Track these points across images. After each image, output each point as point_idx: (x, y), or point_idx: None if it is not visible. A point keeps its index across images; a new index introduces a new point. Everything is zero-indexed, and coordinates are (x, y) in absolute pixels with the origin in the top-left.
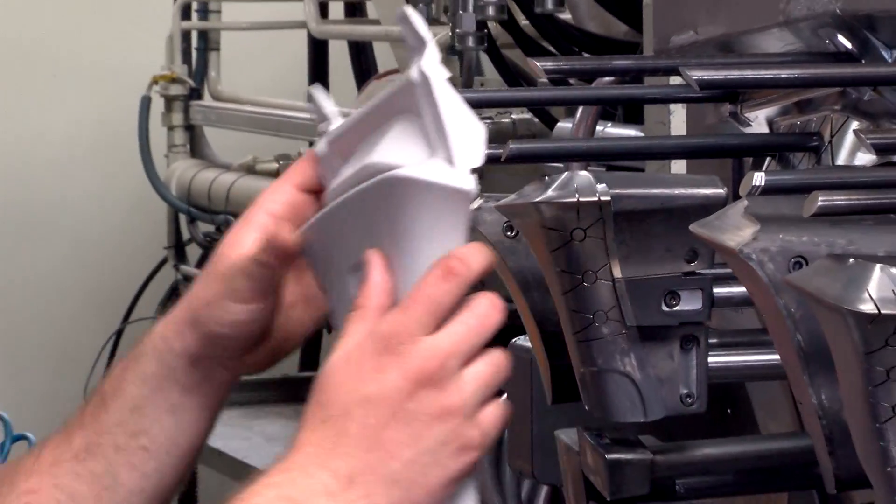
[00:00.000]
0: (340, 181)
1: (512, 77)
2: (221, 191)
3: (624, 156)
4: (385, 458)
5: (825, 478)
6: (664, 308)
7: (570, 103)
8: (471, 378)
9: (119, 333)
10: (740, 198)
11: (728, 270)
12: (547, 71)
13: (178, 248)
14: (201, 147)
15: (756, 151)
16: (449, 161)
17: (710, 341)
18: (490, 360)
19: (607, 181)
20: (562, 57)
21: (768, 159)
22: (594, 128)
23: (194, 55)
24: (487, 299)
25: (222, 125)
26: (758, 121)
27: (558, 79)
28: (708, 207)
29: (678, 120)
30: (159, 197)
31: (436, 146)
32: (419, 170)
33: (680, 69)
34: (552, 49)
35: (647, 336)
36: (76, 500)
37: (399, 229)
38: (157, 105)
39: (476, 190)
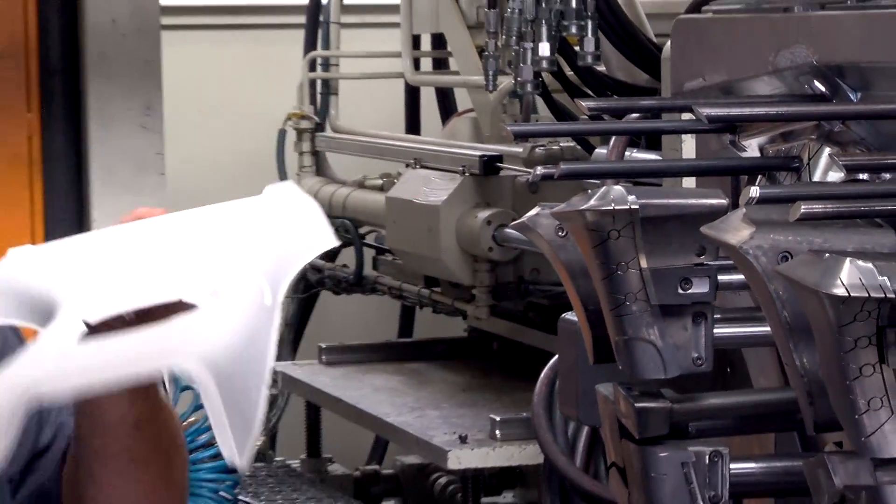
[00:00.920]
0: None
1: (560, 114)
2: (339, 201)
3: (647, 174)
4: None
5: (806, 422)
6: (679, 291)
7: (605, 134)
8: None
9: None
10: (739, 207)
11: (730, 262)
12: (589, 109)
13: None
14: (324, 168)
15: (750, 171)
16: None
17: (715, 316)
18: None
19: (635, 193)
20: (599, 98)
21: (760, 177)
22: (623, 153)
23: (319, 98)
24: None
25: (340, 151)
26: (751, 147)
27: (596, 115)
28: (713, 214)
29: (688, 147)
30: None
31: None
32: None
33: (692, 107)
34: (590, 93)
35: (667, 312)
36: None
37: None
38: (291, 136)
39: None
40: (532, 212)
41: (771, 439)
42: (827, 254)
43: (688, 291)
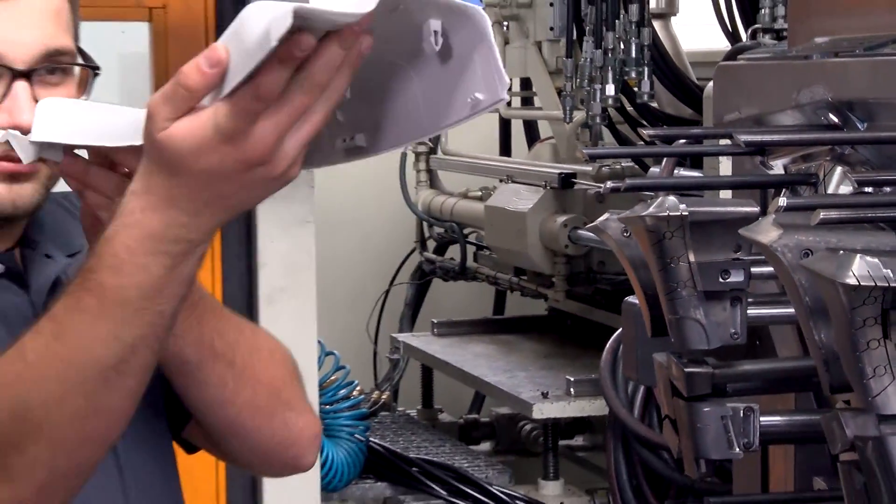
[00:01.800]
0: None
1: (622, 141)
2: (448, 208)
3: (692, 188)
4: (215, 196)
5: (823, 385)
6: (720, 280)
7: (658, 156)
8: (290, 146)
9: (387, 292)
10: (768, 214)
11: (761, 257)
12: (648, 136)
13: (422, 242)
14: (436, 182)
15: (776, 185)
16: None
17: (749, 300)
18: (307, 121)
19: (685, 203)
20: (653, 128)
21: (784, 190)
22: (672, 171)
23: None
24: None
25: (448, 169)
26: (777, 167)
27: (651, 141)
28: (747, 219)
29: (725, 166)
30: (411, 211)
31: None
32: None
33: (733, 134)
34: (646, 124)
35: (710, 297)
36: None
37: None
38: (410, 158)
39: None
40: (602, 217)
41: (791, 398)
42: (841, 251)
43: (727, 280)
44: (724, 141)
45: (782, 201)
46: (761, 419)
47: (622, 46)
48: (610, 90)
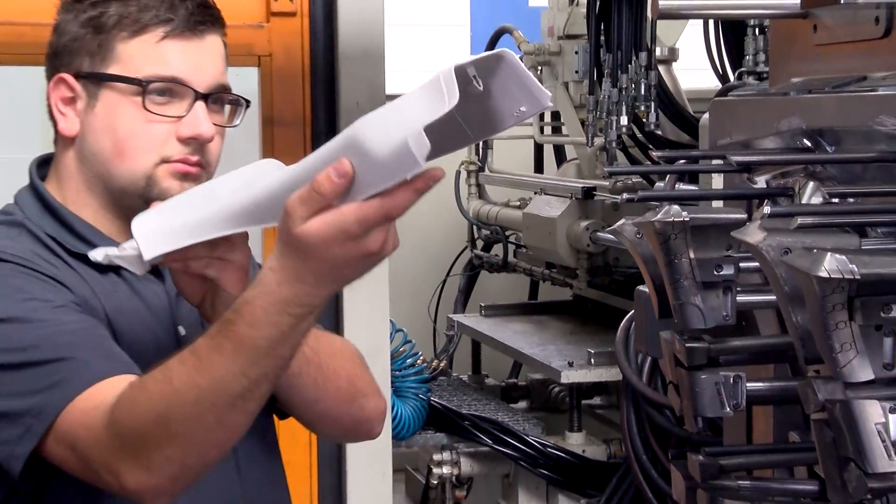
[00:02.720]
0: None
1: (633, 161)
2: (493, 215)
3: (691, 199)
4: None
5: (798, 358)
6: (715, 272)
7: (664, 173)
8: (391, 235)
9: (444, 281)
10: (754, 220)
11: (749, 255)
12: (656, 157)
13: (472, 242)
14: (484, 194)
15: (760, 197)
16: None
17: (738, 289)
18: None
19: (686, 211)
20: (659, 151)
21: (767, 201)
22: (674, 185)
23: (481, 150)
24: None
25: (493, 184)
26: (761, 182)
27: (657, 161)
28: (737, 224)
29: (718, 182)
30: (464, 217)
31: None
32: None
33: (727, 155)
34: (652, 148)
35: (706, 286)
36: None
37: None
38: (463, 175)
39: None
40: (619, 222)
41: (772, 368)
42: (815, 250)
43: (720, 273)
44: (717, 161)
45: (766, 209)
46: (747, 385)
47: (633, 86)
48: (623, 121)
